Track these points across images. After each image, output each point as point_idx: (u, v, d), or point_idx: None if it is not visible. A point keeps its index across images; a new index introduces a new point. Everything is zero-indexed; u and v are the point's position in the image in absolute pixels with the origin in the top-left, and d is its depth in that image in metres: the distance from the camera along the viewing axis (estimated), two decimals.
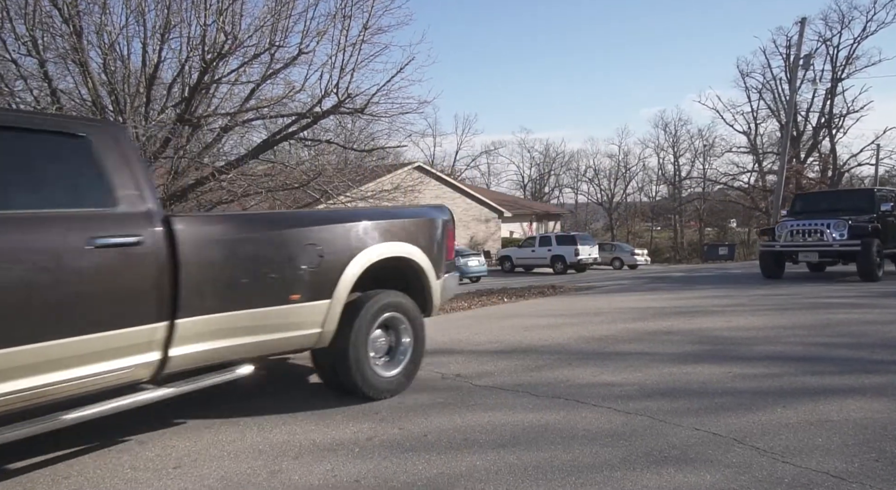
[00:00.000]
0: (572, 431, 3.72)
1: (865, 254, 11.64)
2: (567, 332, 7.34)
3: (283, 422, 4.12)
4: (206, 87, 10.26)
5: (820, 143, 42.71)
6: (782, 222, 13.42)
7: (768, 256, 13.32)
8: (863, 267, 11.79)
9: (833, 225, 12.19)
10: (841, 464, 3.04)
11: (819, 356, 5.47)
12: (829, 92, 40.40)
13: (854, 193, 15.35)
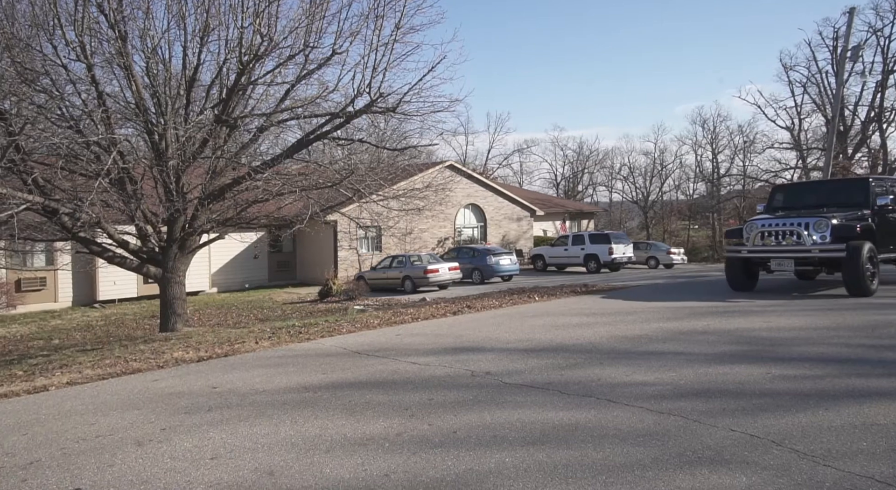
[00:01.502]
0: (603, 430, 3.68)
1: (852, 261, 9.21)
2: (599, 330, 7.25)
3: (315, 416, 4.20)
4: (243, 88, 10.51)
5: (869, 138, 41.01)
6: (750, 221, 10.78)
7: (735, 264, 10.72)
8: (848, 278, 9.34)
9: (812, 225, 9.70)
10: (887, 469, 2.92)
11: (864, 358, 5.27)
12: (880, 84, 38.75)
13: (846, 184, 12.23)
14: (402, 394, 4.73)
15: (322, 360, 6.30)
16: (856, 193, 10.63)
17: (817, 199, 11.01)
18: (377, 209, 15.50)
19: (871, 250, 9.40)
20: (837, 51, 34.01)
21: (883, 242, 10.14)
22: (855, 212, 10.10)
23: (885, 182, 11.20)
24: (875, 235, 9.87)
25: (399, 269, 22.51)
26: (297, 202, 13.01)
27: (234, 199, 11.72)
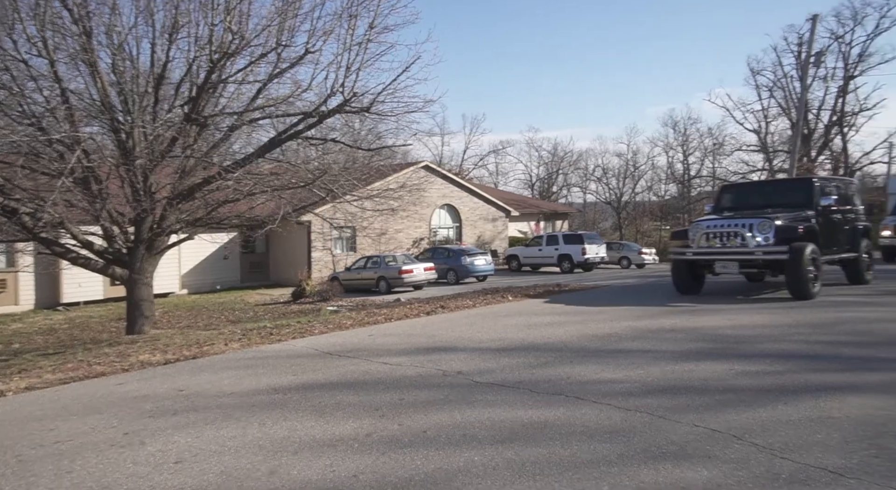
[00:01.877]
0: (571, 428, 3.73)
1: (794, 264, 8.91)
2: (570, 329, 7.33)
3: (284, 418, 4.16)
4: (214, 86, 10.35)
5: (832, 142, 42.32)
6: (696, 223, 10.49)
7: (680, 266, 10.38)
8: (790, 280, 9.06)
9: (756, 226, 9.42)
10: (840, 460, 3.03)
11: (821, 354, 5.44)
12: (842, 89, 40.04)
13: (790, 185, 11.91)
14: (372, 394, 4.71)
15: (293, 361, 6.24)
16: (800, 194, 10.42)
17: (763, 200, 10.81)
18: (351, 209, 15.41)
19: (813, 252, 9.08)
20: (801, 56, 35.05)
21: (826, 243, 9.93)
22: (799, 212, 9.84)
23: (829, 183, 11.13)
24: (818, 236, 9.62)
25: (374, 269, 22.42)
26: (269, 202, 12.86)
27: (205, 199, 11.53)
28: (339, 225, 18.88)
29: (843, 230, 10.72)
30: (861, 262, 10.86)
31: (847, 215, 10.96)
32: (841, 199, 10.82)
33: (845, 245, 10.69)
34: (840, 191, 11.04)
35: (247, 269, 26.68)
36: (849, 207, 11.12)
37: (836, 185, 11.20)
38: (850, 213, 11.10)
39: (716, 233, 9.85)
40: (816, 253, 9.21)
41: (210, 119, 10.57)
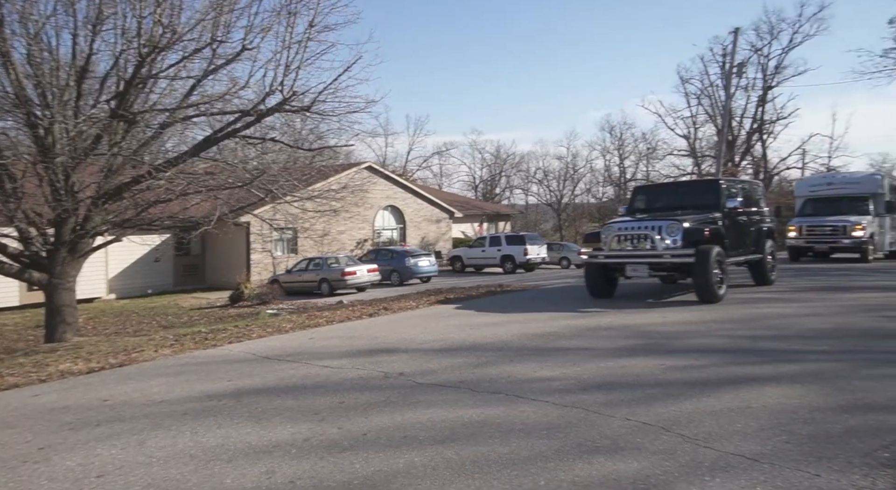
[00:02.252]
0: (510, 425, 3.79)
1: (701, 267, 8.74)
2: (511, 329, 7.46)
3: (218, 425, 4.01)
4: (143, 81, 9.88)
5: (753, 148, 45.04)
6: (608, 225, 10.30)
7: (593, 270, 10.09)
8: (697, 283, 8.89)
9: (664, 228, 9.19)
10: (756, 447, 3.23)
11: (743, 348, 5.78)
12: (761, 99, 42.72)
13: (699, 186, 11.73)
14: (312, 398, 4.63)
15: (229, 366, 6.03)
16: (708, 196, 10.27)
17: (675, 201, 10.64)
18: (292, 210, 15.08)
19: (719, 254, 8.96)
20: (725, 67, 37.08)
21: (733, 245, 9.88)
22: (706, 214, 9.70)
23: (736, 184, 11.15)
24: (724, 238, 9.54)
25: (315, 271, 22.02)
26: (204, 203, 12.39)
27: (134, 199, 10.97)
28: (280, 226, 18.42)
29: (749, 232, 10.78)
30: (765, 263, 10.96)
31: (753, 217, 11.02)
32: (747, 201, 10.90)
33: (751, 246, 10.77)
34: (746, 193, 11.12)
35: (181, 273, 25.59)
36: (754, 209, 11.22)
37: (742, 187, 11.23)
38: (755, 214, 11.18)
39: (627, 235, 9.57)
40: (722, 255, 9.08)
41: (139, 115, 10.07)
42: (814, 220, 17.60)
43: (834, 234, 16.85)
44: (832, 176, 22.46)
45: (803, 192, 19.87)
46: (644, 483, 2.87)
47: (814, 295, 9.66)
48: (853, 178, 19.43)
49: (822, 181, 20.17)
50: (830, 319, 7.14)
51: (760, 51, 41.66)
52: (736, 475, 2.89)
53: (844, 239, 16.65)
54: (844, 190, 18.43)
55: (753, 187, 11.97)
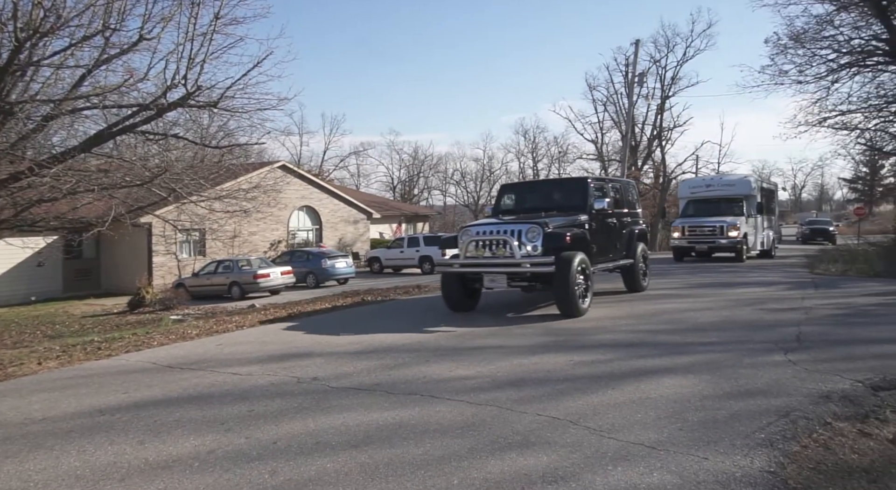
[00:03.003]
0: (425, 426, 3.80)
1: (562, 277, 7.74)
2: (420, 334, 7.47)
3: (110, 442, 3.71)
4: (22, 68, 8.95)
5: (653, 153, 48.14)
6: (465, 228, 8.91)
7: (450, 280, 8.78)
8: (557, 295, 7.91)
9: (525, 232, 8.06)
10: (654, 435, 3.44)
11: (645, 342, 6.15)
12: (660, 108, 45.73)
13: (567, 185, 10.43)
14: (218, 408, 4.40)
15: (125, 377, 5.61)
16: (575, 195, 9.25)
17: (543, 202, 9.58)
18: (199, 211, 14.28)
19: (582, 262, 7.99)
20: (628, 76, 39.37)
21: (600, 250, 9.03)
22: (573, 217, 8.68)
23: (605, 183, 10.14)
24: (591, 243, 8.61)
25: (225, 274, 21.01)
26: (98, 202, 11.45)
27: (13, 198, 9.93)
28: (185, 227, 17.38)
29: (621, 235, 10.00)
30: (637, 268, 10.30)
31: (624, 219, 10.18)
32: (618, 202, 10.08)
33: (622, 251, 10.04)
34: (618, 192, 10.31)
35: (72, 278, 23.53)
36: (626, 210, 10.40)
37: (613, 186, 10.30)
38: (627, 216, 10.34)
39: (485, 241, 8.29)
40: (587, 263, 8.14)
41: (18, 106, 9.11)
42: (695, 220, 18.05)
43: (713, 235, 17.35)
44: (710, 178, 22.54)
45: (685, 194, 20.36)
46: (552, 476, 2.98)
47: (706, 290, 10.45)
48: (728, 181, 19.94)
49: (702, 183, 20.56)
50: (719, 313, 7.75)
51: (658, 62, 44.59)
52: (635, 463, 3.06)
53: (722, 239, 17.17)
54: (721, 192, 19.03)
55: (626, 187, 11.03)
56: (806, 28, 18.55)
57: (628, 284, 10.45)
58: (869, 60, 18.41)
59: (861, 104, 19.39)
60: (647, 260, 10.86)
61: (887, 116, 20.27)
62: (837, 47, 18.49)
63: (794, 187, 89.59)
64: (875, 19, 17.16)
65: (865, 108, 19.50)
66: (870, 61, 18.43)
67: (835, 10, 17.75)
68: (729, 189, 19.00)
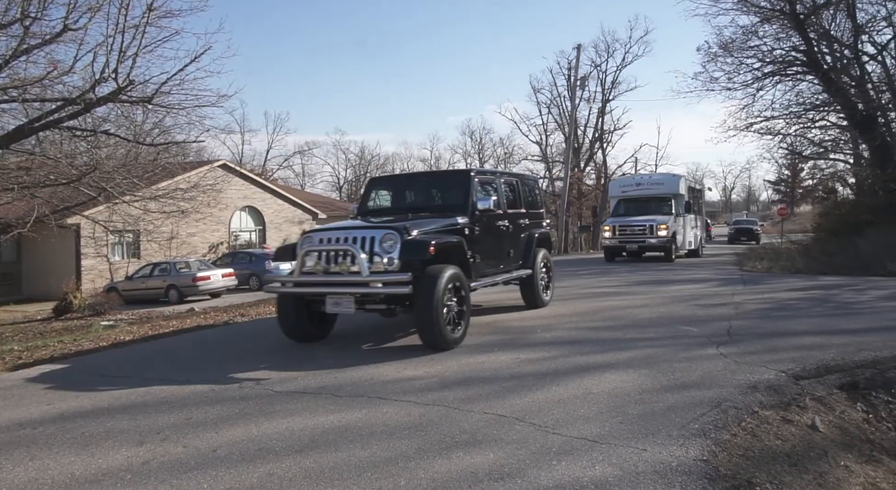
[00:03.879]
0: (372, 428, 3.76)
1: (424, 299, 5.80)
2: (377, 333, 7.40)
3: (31, 457, 3.48)
4: None
5: (595, 155, 49.64)
6: (308, 234, 6.67)
7: (286, 303, 6.58)
8: (419, 323, 5.98)
9: (376, 241, 6.06)
10: (596, 429, 3.54)
11: (587, 339, 6.32)
12: (601, 111, 47.23)
13: (445, 179, 8.67)
14: (154, 416, 4.20)
15: (49, 388, 5.27)
16: (455, 192, 7.32)
17: (420, 200, 7.72)
18: (133, 211, 13.66)
19: (454, 279, 6.03)
20: (570, 79, 40.41)
21: (486, 261, 7.19)
22: (448, 219, 6.73)
23: (496, 177, 8.03)
24: (471, 253, 6.72)
25: (162, 277, 20.16)
26: (19, 202, 10.74)
27: None
28: (118, 229, 16.57)
29: (516, 240, 8.13)
30: (536, 280, 8.41)
31: (520, 221, 8.27)
32: (513, 200, 8.24)
33: (517, 260, 8.14)
34: (512, 189, 8.35)
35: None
36: (525, 211, 8.47)
37: (506, 181, 8.27)
38: (524, 217, 8.42)
39: (328, 251, 6.12)
40: (460, 279, 6.13)
41: None
42: (625, 220, 17.78)
43: (643, 234, 17.11)
44: (640, 177, 22.30)
45: (616, 193, 20.06)
46: (499, 473, 3.01)
47: (644, 288, 10.86)
48: (658, 180, 19.74)
49: (632, 182, 20.24)
50: (657, 309, 8.07)
51: (599, 67, 45.99)
52: (579, 457, 3.14)
53: (651, 238, 16.94)
54: (651, 190, 18.80)
55: (525, 183, 8.92)
56: (734, 38, 19.63)
57: (526, 298, 8.57)
58: (789, 70, 19.66)
59: (783, 111, 20.71)
60: (551, 270, 9.09)
61: (806, 123, 21.72)
62: (762, 57, 19.66)
63: (724, 189, 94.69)
64: (794, 31, 18.33)
65: (787, 115, 20.83)
66: (790, 71, 19.69)
67: (759, 21, 18.87)
68: (658, 188, 18.83)
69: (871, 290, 9.41)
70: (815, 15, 17.85)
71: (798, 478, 3.05)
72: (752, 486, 2.87)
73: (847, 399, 4.34)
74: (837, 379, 4.57)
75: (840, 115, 20.49)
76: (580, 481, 2.87)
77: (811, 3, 17.81)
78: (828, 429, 3.76)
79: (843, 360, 4.90)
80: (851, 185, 23.38)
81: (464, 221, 6.87)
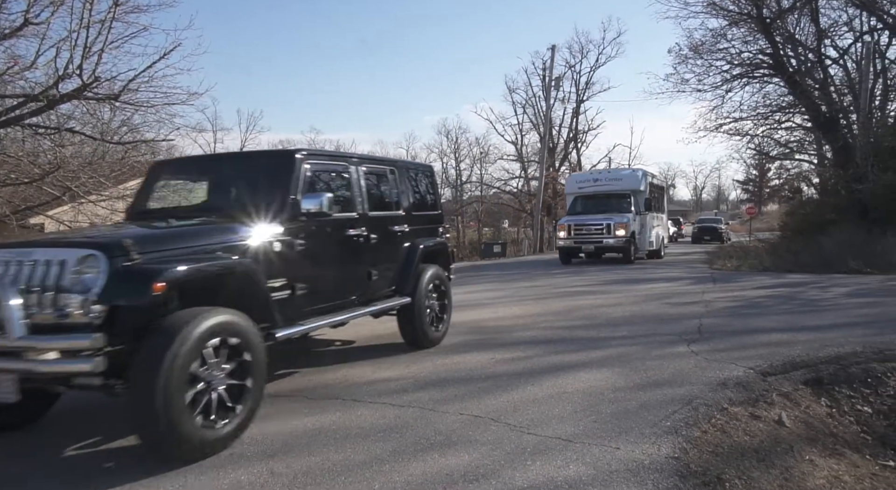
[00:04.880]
0: (346, 431, 3.73)
1: (142, 376, 3.12)
2: (349, 331, 7.34)
3: None
4: None
5: (570, 154, 50.17)
6: None
7: None
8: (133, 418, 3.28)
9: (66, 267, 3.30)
10: (570, 428, 3.57)
11: (562, 338, 6.37)
12: (575, 111, 47.77)
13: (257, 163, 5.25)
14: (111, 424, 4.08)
15: None
16: (267, 186, 4.65)
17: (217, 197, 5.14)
18: (100, 211, 13.27)
19: (216, 331, 3.42)
20: (545, 80, 40.73)
21: (321, 293, 4.75)
22: (236, 229, 4.15)
23: (349, 164, 5.32)
24: (281, 283, 4.27)
25: None
26: None
27: None
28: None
29: (387, 255, 5.65)
30: (419, 310, 5.82)
31: (393, 228, 5.77)
32: (381, 199, 5.83)
33: (385, 284, 5.64)
34: (382, 181, 5.90)
35: None
36: (401, 214, 5.95)
37: (370, 170, 5.63)
38: (399, 223, 5.88)
39: None
40: (237, 328, 3.55)
41: None
42: (581, 218, 16.59)
43: (600, 234, 16.02)
44: (598, 172, 20.72)
45: (573, 189, 18.61)
46: (474, 474, 3.01)
47: (616, 287, 11.01)
48: (617, 175, 18.40)
49: (589, 178, 18.83)
50: (629, 308, 8.18)
51: (573, 67, 46.44)
52: (553, 457, 3.16)
53: (609, 238, 15.88)
54: (609, 187, 17.51)
55: (407, 173, 6.32)
56: (703, 40, 20.06)
57: (405, 333, 6.01)
58: (757, 72, 20.18)
59: (751, 112, 21.26)
60: (447, 294, 6.42)
61: (772, 124, 22.32)
62: (730, 59, 20.13)
63: (695, 188, 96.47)
64: (761, 35, 18.81)
65: (754, 116, 21.39)
66: (757, 73, 20.21)
67: (727, 24, 19.31)
68: (617, 184, 17.51)
69: (835, 288, 9.70)
70: (780, 19, 18.35)
71: (766, 473, 3.13)
72: (722, 483, 2.93)
73: (812, 394, 4.47)
74: (803, 375, 4.70)
75: (805, 117, 21.12)
76: (554, 481, 2.89)
77: (777, 8, 18.30)
78: (794, 424, 3.86)
79: (808, 356, 5.04)
80: (816, 185, 24.10)
81: (270, 231, 4.26)
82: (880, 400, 4.53)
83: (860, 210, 16.05)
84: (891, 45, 19.65)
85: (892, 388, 4.66)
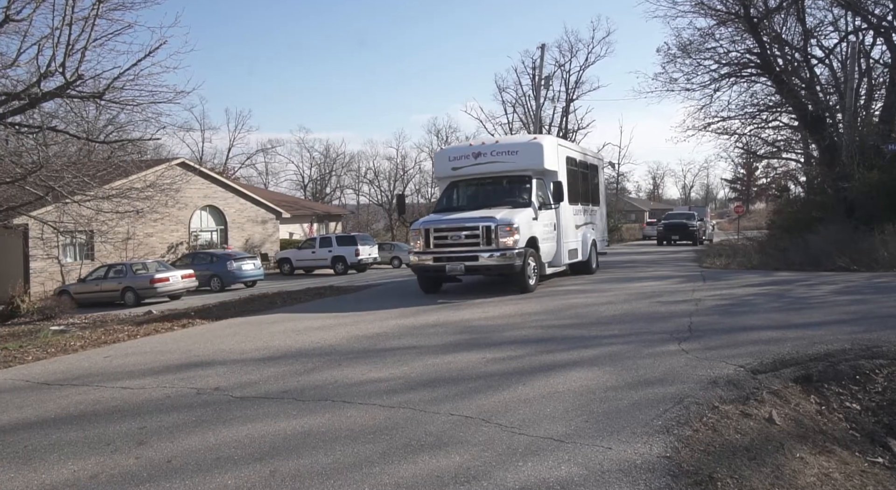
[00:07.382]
0: (336, 433, 3.67)
1: None
2: (339, 332, 7.29)
3: None
4: None
5: None
6: None
7: None
8: None
9: None
10: (562, 428, 3.53)
11: (553, 337, 6.34)
12: (565, 110, 47.85)
13: None
14: (104, 426, 4.02)
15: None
16: None
17: None
18: (85, 211, 13.10)
19: None
20: (535, 79, 40.76)
21: None
22: None
23: None
24: None
25: (118, 279, 19.50)
26: None
27: None
28: (69, 230, 15.90)
29: None
30: None
31: None
32: None
33: None
34: None
35: None
36: None
37: None
38: None
39: None
40: None
41: None
42: (446, 218, 10.53)
43: (473, 245, 9.89)
44: (482, 145, 11.82)
45: (444, 171, 11.93)
46: (465, 475, 2.97)
47: (608, 285, 11.00)
48: (510, 146, 11.50)
49: (469, 152, 11.56)
50: (621, 306, 8.17)
51: (563, 67, 46.52)
52: (545, 457, 3.13)
53: (485, 252, 9.75)
54: (498, 165, 11.17)
55: None
56: (692, 40, 20.14)
57: None
58: (744, 71, 20.29)
59: (739, 111, 21.37)
60: None
61: (760, 123, 22.47)
62: (718, 58, 20.23)
63: (684, 187, 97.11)
64: (748, 34, 18.91)
65: (742, 115, 21.50)
66: (745, 72, 20.32)
67: (715, 24, 19.40)
68: (510, 160, 11.14)
69: (823, 286, 9.76)
70: (767, 19, 18.47)
71: (757, 471, 3.11)
72: (714, 482, 2.91)
73: (801, 392, 4.47)
74: (792, 372, 4.70)
75: (792, 116, 21.28)
76: (546, 482, 2.85)
77: (764, 7, 18.41)
78: (784, 422, 3.85)
79: (797, 353, 5.05)
80: (802, 184, 24.34)
81: None
82: (868, 397, 4.54)
83: (846, 208, 16.20)
84: (875, 45, 19.85)
85: (879, 384, 4.68)
